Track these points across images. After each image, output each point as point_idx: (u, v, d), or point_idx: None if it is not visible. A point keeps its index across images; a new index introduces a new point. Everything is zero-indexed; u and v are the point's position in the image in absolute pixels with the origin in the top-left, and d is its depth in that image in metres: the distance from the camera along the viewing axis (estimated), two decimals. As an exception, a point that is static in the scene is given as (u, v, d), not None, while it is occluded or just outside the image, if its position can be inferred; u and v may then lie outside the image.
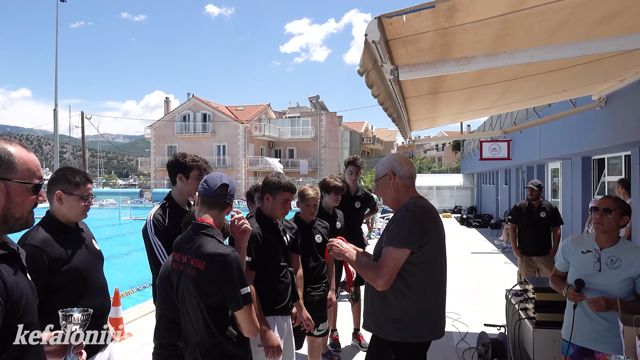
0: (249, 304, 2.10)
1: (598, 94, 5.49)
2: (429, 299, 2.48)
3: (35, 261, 2.24)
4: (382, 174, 2.63)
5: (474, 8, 2.05)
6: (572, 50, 2.38)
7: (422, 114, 5.22)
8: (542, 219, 6.41)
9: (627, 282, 2.78)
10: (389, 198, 2.65)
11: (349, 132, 58.00)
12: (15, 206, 1.39)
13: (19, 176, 1.39)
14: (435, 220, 2.54)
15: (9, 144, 1.41)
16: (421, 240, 2.40)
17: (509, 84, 3.88)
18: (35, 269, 2.20)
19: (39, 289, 2.25)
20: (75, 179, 2.49)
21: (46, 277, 2.29)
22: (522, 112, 11.56)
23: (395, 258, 2.37)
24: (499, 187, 18.82)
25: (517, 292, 4.36)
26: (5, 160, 1.38)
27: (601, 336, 2.84)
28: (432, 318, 2.51)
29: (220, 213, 2.27)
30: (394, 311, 2.45)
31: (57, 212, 2.49)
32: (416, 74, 2.49)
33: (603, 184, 8.39)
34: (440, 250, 2.54)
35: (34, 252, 2.26)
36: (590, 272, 2.88)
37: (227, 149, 43.77)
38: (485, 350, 4.54)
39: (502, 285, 7.26)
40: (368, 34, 2.06)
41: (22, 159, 1.41)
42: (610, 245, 2.87)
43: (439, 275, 2.53)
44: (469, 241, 14.53)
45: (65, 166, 2.82)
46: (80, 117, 33.76)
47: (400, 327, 2.44)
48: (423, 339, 2.49)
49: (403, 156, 2.70)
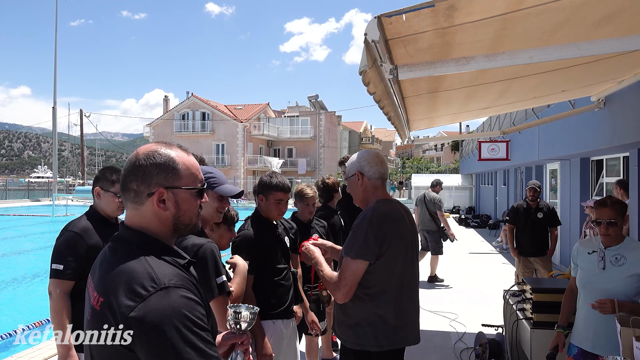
0: (224, 295, 2.09)
1: (597, 95, 5.49)
2: (390, 307, 2.34)
3: (75, 246, 2.56)
4: (351, 174, 2.53)
5: (473, 7, 2.05)
6: (572, 51, 2.38)
7: (421, 114, 5.22)
8: (539, 219, 6.42)
9: (632, 279, 2.75)
10: (357, 198, 2.56)
11: (348, 131, 58.01)
12: (184, 213, 1.33)
13: (184, 182, 1.32)
14: (397, 226, 2.40)
15: (169, 149, 1.34)
16: (379, 250, 2.29)
17: (508, 83, 3.88)
18: (74, 254, 2.55)
19: (76, 273, 2.53)
20: (112, 177, 2.73)
21: (84, 262, 2.53)
22: (521, 113, 11.56)
23: (353, 270, 2.28)
24: (498, 187, 18.83)
25: (515, 292, 4.36)
26: (171, 168, 1.30)
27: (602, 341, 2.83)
28: (391, 327, 2.35)
29: None
30: (351, 318, 2.37)
31: (98, 206, 2.77)
32: (415, 73, 2.49)
33: (601, 185, 8.40)
34: (403, 257, 2.39)
35: (75, 237, 2.58)
36: (595, 272, 2.88)
37: (226, 147, 43.72)
38: (483, 351, 4.54)
39: (500, 285, 7.27)
40: (368, 33, 2.06)
41: (185, 164, 1.34)
42: (616, 244, 2.87)
43: (401, 282, 2.38)
44: (468, 241, 14.53)
45: (108, 165, 3.06)
46: (79, 115, 33.73)
47: (357, 334, 2.35)
48: (382, 347, 2.34)
49: (374, 154, 2.57)
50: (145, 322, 1.11)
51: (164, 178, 1.29)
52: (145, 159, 1.29)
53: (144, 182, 1.28)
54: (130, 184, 1.29)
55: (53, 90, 29.12)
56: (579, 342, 2.96)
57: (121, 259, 1.23)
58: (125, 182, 1.31)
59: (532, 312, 3.70)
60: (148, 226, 1.30)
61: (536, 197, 6.52)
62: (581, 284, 2.99)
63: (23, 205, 29.91)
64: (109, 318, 1.15)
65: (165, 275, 1.18)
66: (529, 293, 3.81)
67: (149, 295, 1.13)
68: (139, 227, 1.30)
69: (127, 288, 1.15)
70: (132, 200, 1.30)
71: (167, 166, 1.30)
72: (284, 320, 2.94)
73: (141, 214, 1.30)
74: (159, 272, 1.19)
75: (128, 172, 1.30)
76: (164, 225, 1.31)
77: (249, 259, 2.77)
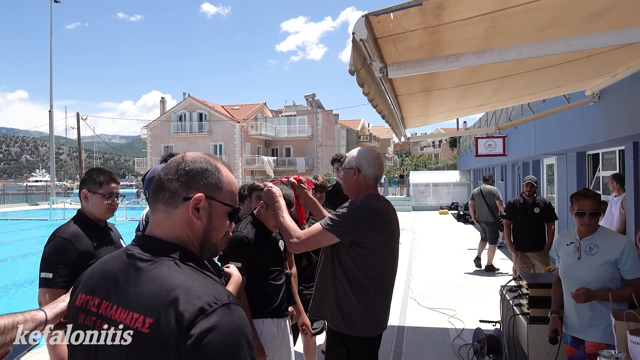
0: None
1: (591, 89, 5.50)
2: (376, 296, 2.51)
3: (65, 252, 2.45)
4: (349, 166, 2.63)
5: (461, 6, 2.05)
6: (561, 46, 2.39)
7: (416, 112, 5.22)
8: (536, 214, 6.43)
9: (605, 267, 2.82)
10: (349, 190, 2.67)
11: (346, 130, 57.97)
12: (214, 230, 1.26)
13: (223, 197, 1.26)
14: (382, 221, 2.52)
15: (217, 161, 1.29)
16: (355, 236, 2.41)
17: (501, 82, 3.89)
18: (64, 261, 2.43)
19: (67, 281, 2.41)
20: (99, 179, 2.64)
21: (74, 268, 2.43)
22: (517, 108, 11.57)
23: (320, 238, 2.43)
24: (495, 183, 18.85)
25: (512, 288, 4.37)
26: (215, 177, 1.25)
27: (585, 326, 2.92)
28: (376, 315, 2.54)
29: None
30: (340, 305, 2.50)
31: (86, 210, 2.66)
32: (405, 71, 2.50)
33: (598, 179, 8.41)
34: (389, 250, 2.56)
35: (65, 244, 2.46)
36: (571, 262, 2.99)
37: (223, 148, 43.68)
38: (481, 347, 4.55)
39: (498, 281, 7.28)
40: (355, 32, 2.07)
41: (227, 179, 1.28)
42: (590, 233, 2.96)
43: (386, 273, 2.55)
44: (466, 237, 14.56)
45: (94, 167, 3.04)
46: (76, 118, 33.67)
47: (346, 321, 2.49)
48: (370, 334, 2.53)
49: (375, 155, 2.66)
50: (215, 337, 1.02)
51: (206, 186, 1.23)
52: (192, 163, 1.24)
53: (184, 185, 1.22)
54: (169, 184, 1.22)
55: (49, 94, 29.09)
56: (569, 330, 3.07)
57: (164, 272, 1.12)
58: (163, 182, 1.23)
59: (529, 307, 3.70)
60: (180, 236, 1.22)
61: (533, 193, 6.52)
62: (562, 274, 3.10)
63: (21, 209, 29.88)
64: (167, 338, 1.03)
65: (222, 292, 1.11)
66: (525, 288, 3.81)
67: (212, 310, 1.04)
68: (174, 239, 1.21)
69: (186, 302, 1.04)
70: (166, 201, 1.22)
71: (212, 174, 1.25)
72: (274, 319, 2.97)
73: (172, 219, 1.22)
74: (214, 287, 1.11)
75: (169, 172, 1.24)
76: (194, 237, 1.23)
77: (241, 260, 2.79)
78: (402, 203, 27.29)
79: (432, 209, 26.37)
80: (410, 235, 14.96)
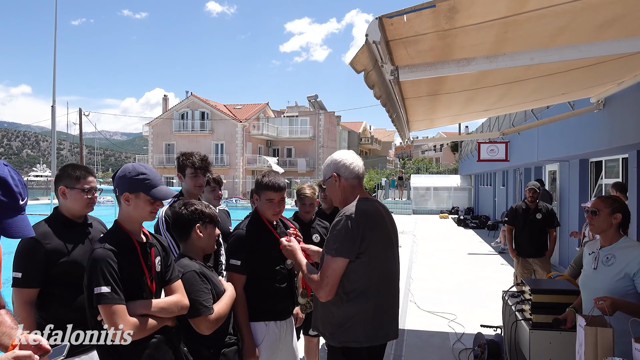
0: (102, 304, 2.01)
1: (596, 97, 5.50)
2: (373, 303, 2.40)
3: (32, 252, 2.41)
4: (328, 176, 2.56)
5: (474, 9, 2.05)
6: (572, 53, 2.39)
7: (421, 115, 5.23)
8: (538, 220, 6.42)
9: (622, 281, 2.70)
10: (337, 199, 2.59)
11: (347, 131, 57.98)
12: None
13: None
14: (377, 224, 2.45)
15: None
16: (359, 248, 2.33)
17: (508, 87, 3.89)
18: (31, 260, 2.41)
19: (36, 278, 2.40)
20: (75, 173, 2.59)
21: (43, 267, 2.42)
22: (520, 114, 11.58)
23: (334, 268, 2.32)
24: (497, 188, 18.85)
25: (514, 293, 4.36)
26: None
27: None
28: (376, 323, 2.42)
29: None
30: (336, 316, 2.40)
31: (63, 207, 2.60)
32: (416, 74, 2.50)
33: (600, 187, 8.41)
34: (384, 254, 2.46)
35: (32, 243, 2.41)
36: (589, 272, 2.93)
37: (225, 147, 43.69)
38: (482, 351, 4.55)
39: (498, 286, 7.28)
40: (369, 34, 2.07)
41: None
42: (609, 244, 2.87)
43: (383, 278, 2.45)
44: (466, 242, 14.56)
45: (68, 163, 2.94)
46: (78, 114, 33.69)
47: (345, 332, 2.39)
48: (372, 342, 2.42)
49: (348, 154, 2.58)
50: None
51: None
52: None
53: None
54: None
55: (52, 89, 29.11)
56: None
57: None
58: None
59: (531, 313, 3.69)
60: None
61: (535, 198, 6.52)
62: (580, 284, 3.07)
63: (23, 203, 29.81)
64: None
65: None
66: (528, 294, 3.81)
67: None
68: None
69: None
70: None
71: None
72: (277, 322, 2.89)
73: None
74: None
75: None
76: None
77: (240, 258, 2.76)
78: (403, 206, 27.29)
79: (433, 213, 26.38)
80: (411, 239, 14.96)
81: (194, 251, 2.53)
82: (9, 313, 1.82)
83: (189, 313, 2.30)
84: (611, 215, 2.84)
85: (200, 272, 2.41)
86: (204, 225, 2.51)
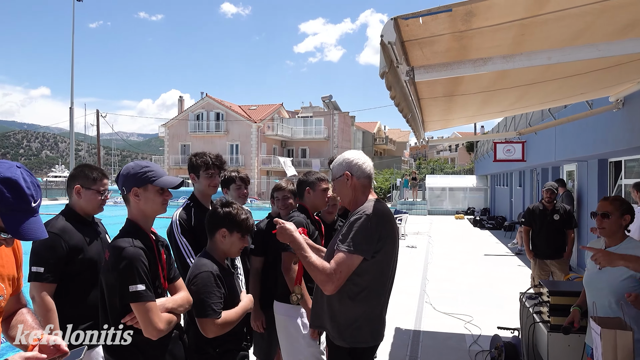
0: (138, 302, 2.02)
1: (615, 96, 5.41)
2: (380, 303, 2.45)
3: (55, 247, 2.43)
4: (339, 175, 2.53)
5: (491, 12, 2.04)
6: (591, 52, 2.35)
7: (437, 116, 5.20)
8: (555, 221, 6.34)
9: (627, 281, 2.69)
10: (346, 198, 2.56)
11: (362, 132, 57.84)
12: None
13: None
14: (391, 227, 2.45)
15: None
16: (375, 247, 2.33)
17: (525, 89, 3.85)
18: (54, 255, 2.43)
19: (57, 273, 2.43)
20: (92, 175, 2.68)
21: (64, 262, 2.46)
22: (537, 113, 11.44)
23: (349, 264, 2.28)
24: (513, 188, 18.65)
25: (532, 295, 4.32)
26: None
27: None
28: (380, 322, 2.48)
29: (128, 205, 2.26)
30: (346, 315, 2.39)
31: (76, 205, 2.67)
32: (432, 75, 2.48)
33: (620, 187, 8.27)
34: (392, 257, 2.47)
35: (54, 238, 2.44)
36: (593, 272, 2.92)
37: (239, 148, 43.92)
38: (499, 354, 4.51)
39: (515, 288, 7.20)
40: (384, 35, 2.07)
41: None
42: (615, 244, 2.86)
43: (386, 281, 2.46)
44: (482, 243, 14.43)
45: (83, 163, 3.02)
46: (96, 115, 34.15)
47: (353, 332, 2.38)
48: (376, 342, 2.47)
49: (359, 154, 2.58)
50: None
51: None
52: None
53: None
54: None
55: (70, 91, 29.56)
56: (590, 341, 2.97)
57: None
58: None
59: (549, 315, 3.66)
60: None
61: (553, 199, 6.44)
62: (584, 283, 3.06)
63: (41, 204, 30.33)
64: None
65: None
66: (546, 296, 3.77)
67: None
68: None
69: None
70: None
71: None
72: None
73: None
74: None
75: None
76: None
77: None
78: (418, 207, 27.14)
79: (448, 214, 26.19)
80: (426, 239, 14.88)
81: (216, 252, 2.52)
82: (30, 312, 1.85)
83: (196, 312, 2.33)
84: (621, 218, 2.85)
85: (216, 274, 2.39)
86: (229, 232, 2.49)
